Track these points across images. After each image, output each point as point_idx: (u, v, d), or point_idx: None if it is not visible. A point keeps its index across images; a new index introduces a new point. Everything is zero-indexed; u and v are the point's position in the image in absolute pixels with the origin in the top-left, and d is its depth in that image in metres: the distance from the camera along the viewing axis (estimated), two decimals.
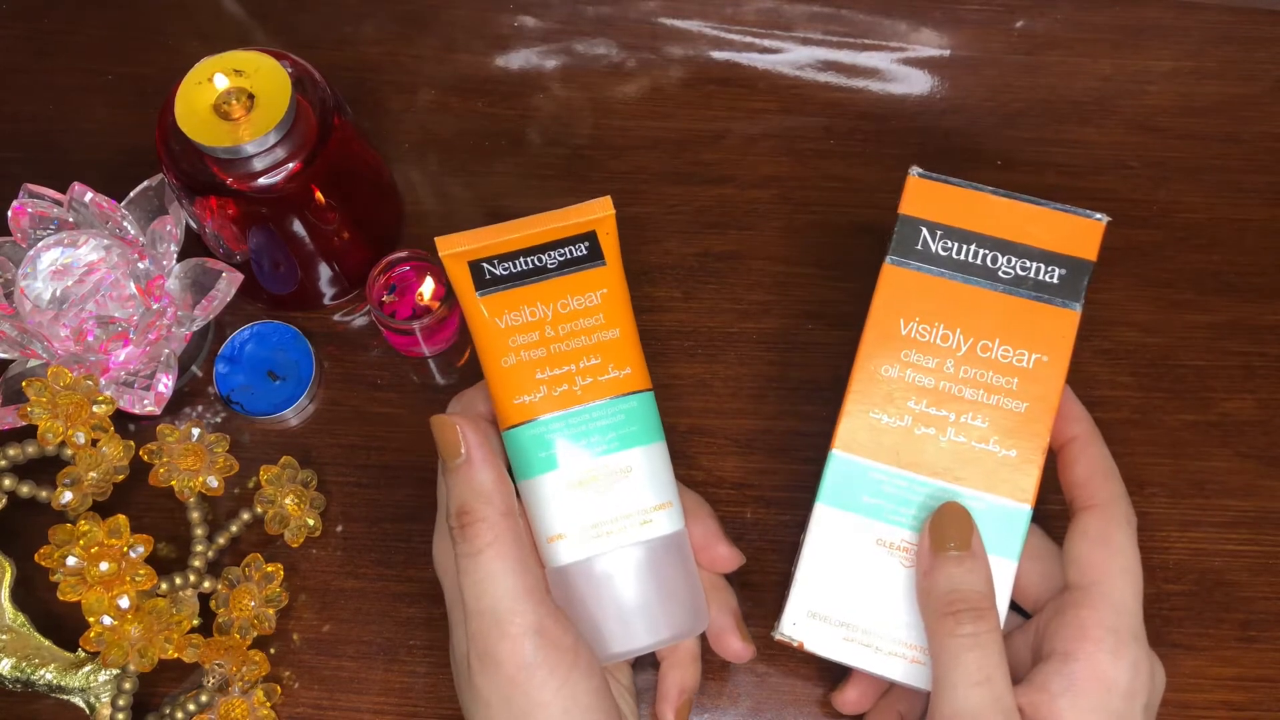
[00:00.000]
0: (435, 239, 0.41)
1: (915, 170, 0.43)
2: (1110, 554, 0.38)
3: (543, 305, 0.41)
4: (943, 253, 0.42)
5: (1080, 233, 0.42)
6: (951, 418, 0.41)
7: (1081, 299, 0.41)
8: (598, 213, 0.42)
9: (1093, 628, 0.37)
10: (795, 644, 0.40)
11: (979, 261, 0.42)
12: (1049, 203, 0.42)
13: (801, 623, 0.40)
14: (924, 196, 0.43)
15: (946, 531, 0.38)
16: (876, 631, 0.40)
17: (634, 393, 0.41)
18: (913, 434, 0.41)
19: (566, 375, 0.40)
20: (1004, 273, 0.42)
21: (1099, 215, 0.42)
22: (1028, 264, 0.42)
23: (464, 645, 0.38)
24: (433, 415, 0.39)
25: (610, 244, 0.42)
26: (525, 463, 0.40)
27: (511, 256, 0.41)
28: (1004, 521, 0.40)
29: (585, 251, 0.42)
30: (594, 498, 0.40)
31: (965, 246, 0.42)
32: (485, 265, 0.41)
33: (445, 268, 0.41)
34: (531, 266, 0.41)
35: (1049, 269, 0.41)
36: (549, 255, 0.42)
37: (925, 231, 0.42)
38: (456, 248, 0.41)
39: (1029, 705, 0.36)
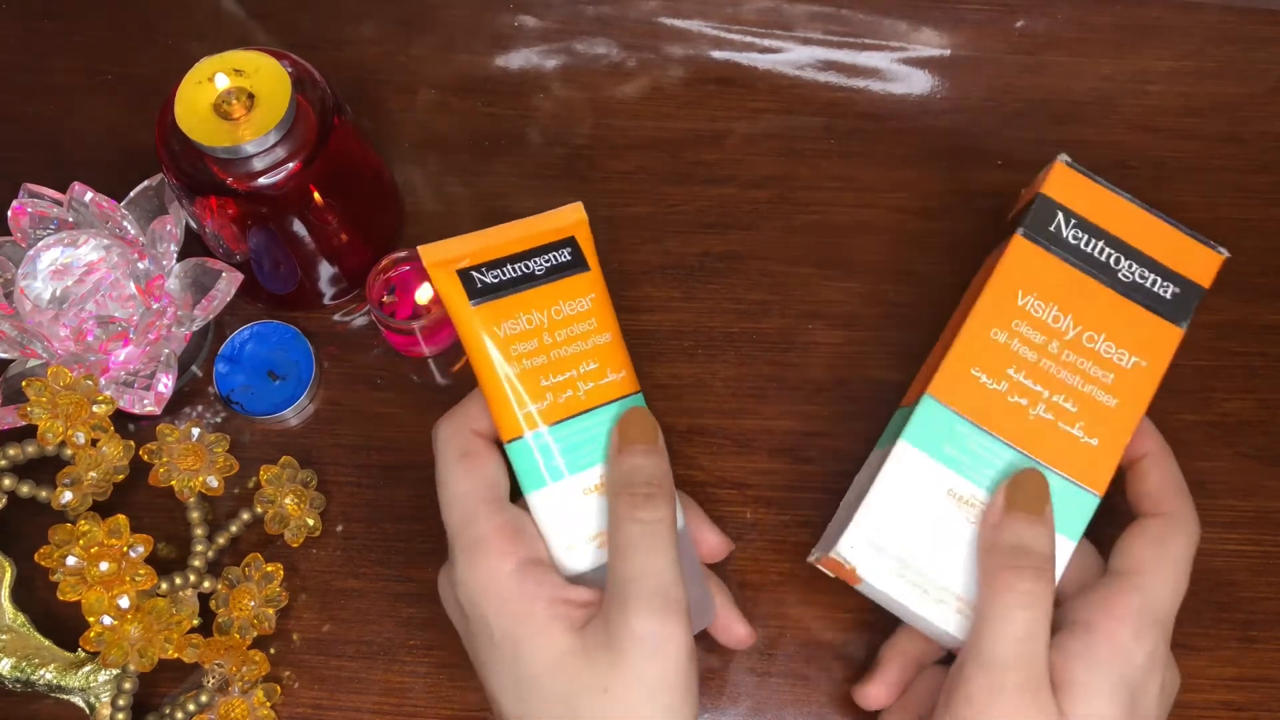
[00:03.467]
0: (418, 249, 0.41)
1: (1063, 158, 0.45)
2: (1160, 553, 0.39)
3: (537, 313, 0.40)
4: (1073, 240, 0.44)
5: (1200, 259, 0.44)
6: (1046, 394, 0.42)
7: (1188, 320, 0.43)
8: (573, 217, 0.43)
9: (1120, 606, 0.38)
10: (848, 567, 0.41)
11: (1103, 258, 0.43)
12: (1178, 224, 0.44)
13: (860, 548, 0.41)
14: (1066, 184, 0.44)
15: (1024, 493, 0.39)
16: (930, 575, 0.41)
17: (630, 395, 0.42)
18: (1006, 400, 0.42)
19: (569, 381, 0.40)
20: (1124, 275, 0.43)
21: (1221, 249, 0.44)
22: (1146, 274, 0.43)
23: (570, 643, 0.37)
24: (629, 408, 0.41)
25: (589, 249, 0.42)
26: (536, 473, 0.40)
27: (499, 264, 0.41)
28: (1072, 503, 0.41)
29: (569, 258, 0.42)
30: (607, 503, 0.40)
31: (1094, 241, 0.44)
32: (474, 274, 0.40)
33: (432, 279, 0.40)
34: (520, 274, 0.41)
35: (1164, 284, 0.43)
36: (535, 262, 0.41)
37: (1060, 216, 0.44)
38: (441, 256, 0.40)
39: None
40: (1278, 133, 0.56)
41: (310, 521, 0.47)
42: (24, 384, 0.45)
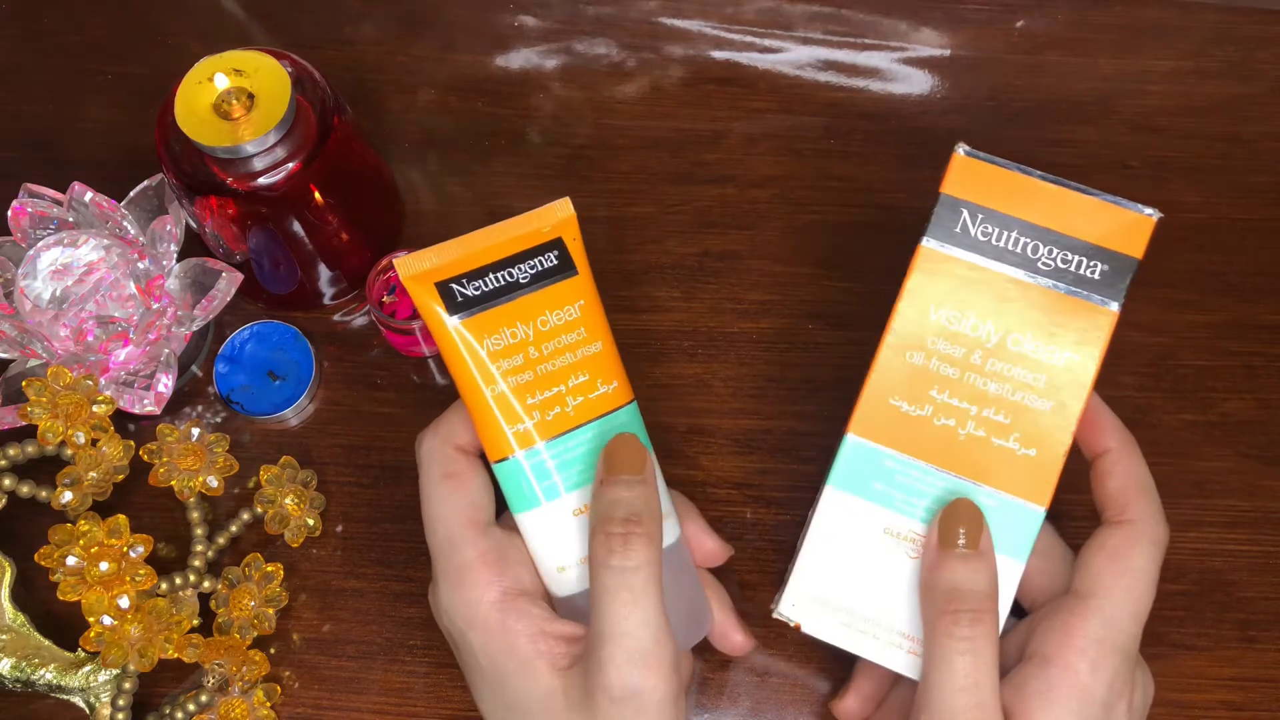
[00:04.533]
0: (394, 261, 0.39)
1: (962, 148, 0.41)
2: (1120, 570, 0.38)
3: (522, 325, 0.39)
4: (982, 238, 0.40)
5: (1128, 227, 0.40)
6: (974, 411, 0.40)
7: (1122, 298, 0.40)
8: (560, 215, 0.40)
9: (1078, 637, 0.37)
10: (793, 625, 0.40)
11: (1019, 250, 0.40)
12: (1099, 193, 0.40)
13: (801, 604, 0.40)
14: (968, 176, 0.41)
15: (956, 528, 0.38)
16: (877, 620, 0.39)
17: (623, 407, 0.40)
18: (932, 424, 0.40)
19: (557, 397, 0.39)
20: (1044, 264, 0.40)
21: (1150, 210, 0.40)
22: (1069, 256, 0.40)
23: (553, 684, 0.36)
24: (616, 434, 0.38)
25: (578, 249, 0.40)
26: (526, 494, 0.39)
27: (480, 274, 0.38)
28: (1017, 521, 0.39)
29: (556, 261, 0.40)
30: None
31: (1006, 233, 0.40)
32: (454, 286, 0.38)
33: (409, 293, 0.38)
34: (503, 283, 0.39)
35: (1091, 263, 0.40)
36: (519, 269, 0.39)
37: (966, 214, 0.40)
38: (418, 268, 0.38)
39: (1004, 703, 0.36)
40: (1278, 133, 0.56)
41: (310, 521, 0.47)
42: (24, 384, 0.45)
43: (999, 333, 0.40)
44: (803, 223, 0.54)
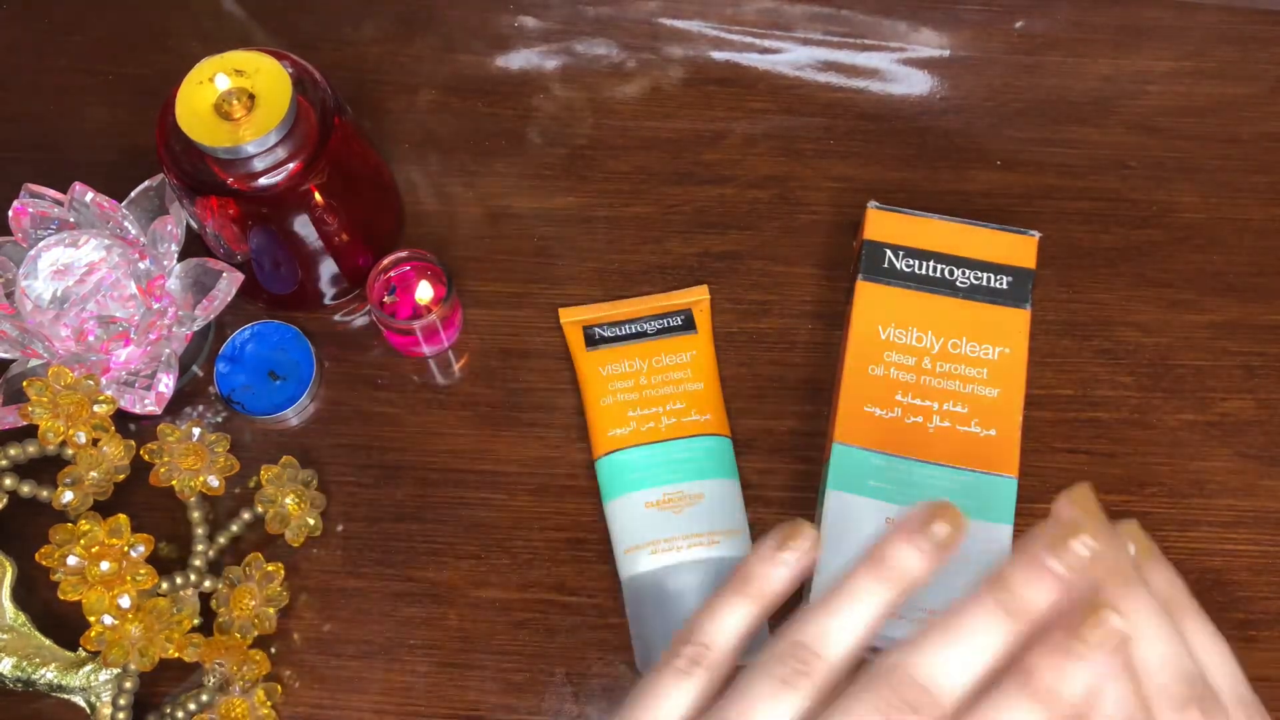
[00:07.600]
0: (559, 309, 0.51)
1: (872, 204, 0.50)
2: None
3: (640, 360, 0.49)
4: (906, 269, 0.48)
5: (1019, 246, 0.48)
6: (935, 406, 0.46)
7: (1029, 301, 0.48)
8: (696, 297, 0.51)
9: None
10: None
11: (938, 274, 0.48)
12: (987, 224, 0.49)
13: None
14: (883, 224, 0.49)
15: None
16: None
17: (711, 435, 0.48)
18: (904, 423, 0.46)
19: (653, 415, 0.48)
20: (961, 282, 0.48)
21: (1032, 232, 0.49)
22: (980, 274, 0.48)
23: None
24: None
25: (704, 319, 0.51)
26: (613, 484, 0.47)
27: (618, 324, 0.50)
28: (997, 492, 0.45)
29: (681, 323, 0.50)
30: (670, 517, 0.46)
31: (925, 263, 0.48)
32: (596, 330, 0.50)
33: (563, 331, 0.51)
34: (633, 332, 0.50)
35: (998, 277, 0.48)
36: (650, 324, 0.50)
37: (889, 252, 0.48)
38: (574, 317, 0.51)
39: None
40: (1277, 133, 0.56)
41: (311, 521, 0.47)
42: (25, 384, 0.45)
43: (940, 340, 0.47)
44: (803, 223, 0.54)
